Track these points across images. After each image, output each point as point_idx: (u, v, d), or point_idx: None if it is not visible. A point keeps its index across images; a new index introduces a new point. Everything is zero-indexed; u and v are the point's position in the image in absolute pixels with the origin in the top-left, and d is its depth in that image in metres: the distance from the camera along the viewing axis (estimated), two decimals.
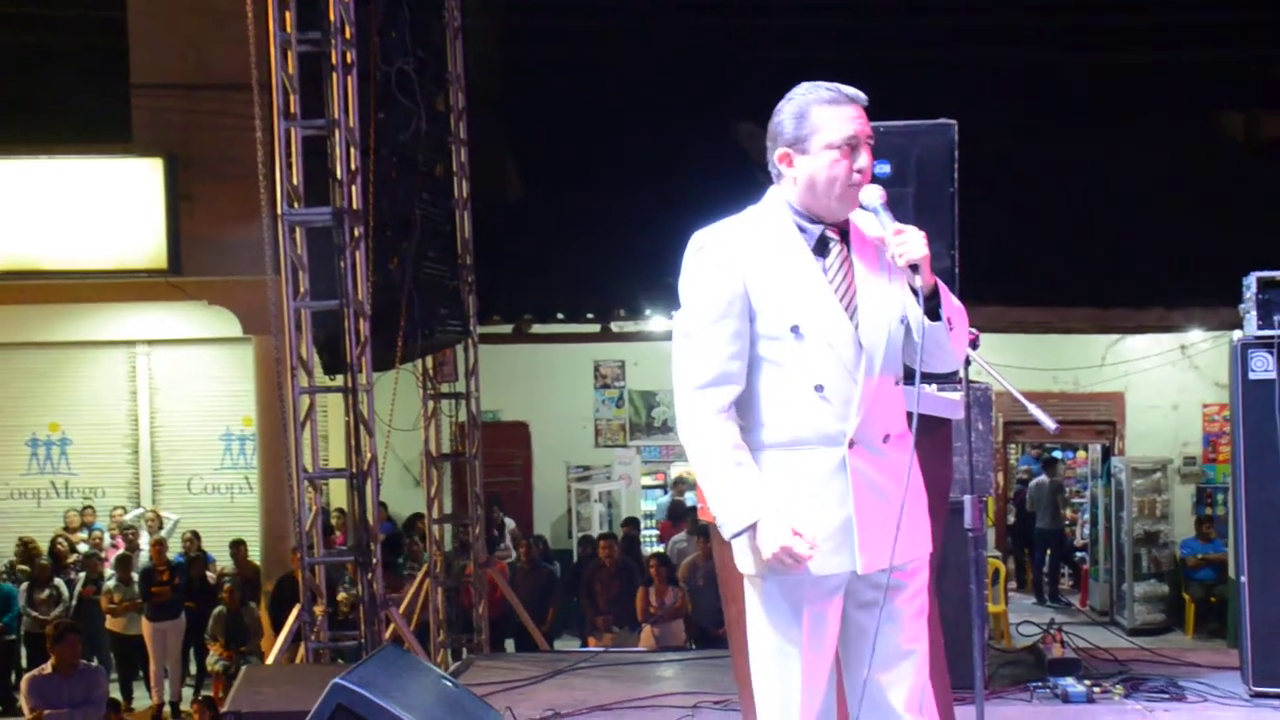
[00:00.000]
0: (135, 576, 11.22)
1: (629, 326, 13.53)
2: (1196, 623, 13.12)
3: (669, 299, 12.78)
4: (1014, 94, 11.40)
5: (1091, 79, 11.75)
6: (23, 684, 8.75)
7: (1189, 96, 11.90)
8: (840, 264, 2.94)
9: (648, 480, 15.00)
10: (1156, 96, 11.81)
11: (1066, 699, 5.28)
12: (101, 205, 10.92)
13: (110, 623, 11.20)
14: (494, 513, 12.96)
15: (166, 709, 11.17)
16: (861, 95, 2.93)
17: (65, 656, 8.38)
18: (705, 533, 9.36)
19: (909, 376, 2.99)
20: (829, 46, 11.06)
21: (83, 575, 11.62)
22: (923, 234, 2.86)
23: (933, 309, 2.86)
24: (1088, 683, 5.39)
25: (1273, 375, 5.19)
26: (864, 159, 2.90)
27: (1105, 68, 11.82)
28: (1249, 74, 11.92)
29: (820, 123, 2.88)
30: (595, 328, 13.63)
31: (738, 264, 2.90)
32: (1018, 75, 11.65)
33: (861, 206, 2.95)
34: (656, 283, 11.76)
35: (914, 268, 2.82)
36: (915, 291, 2.85)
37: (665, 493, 14.84)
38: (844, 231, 2.97)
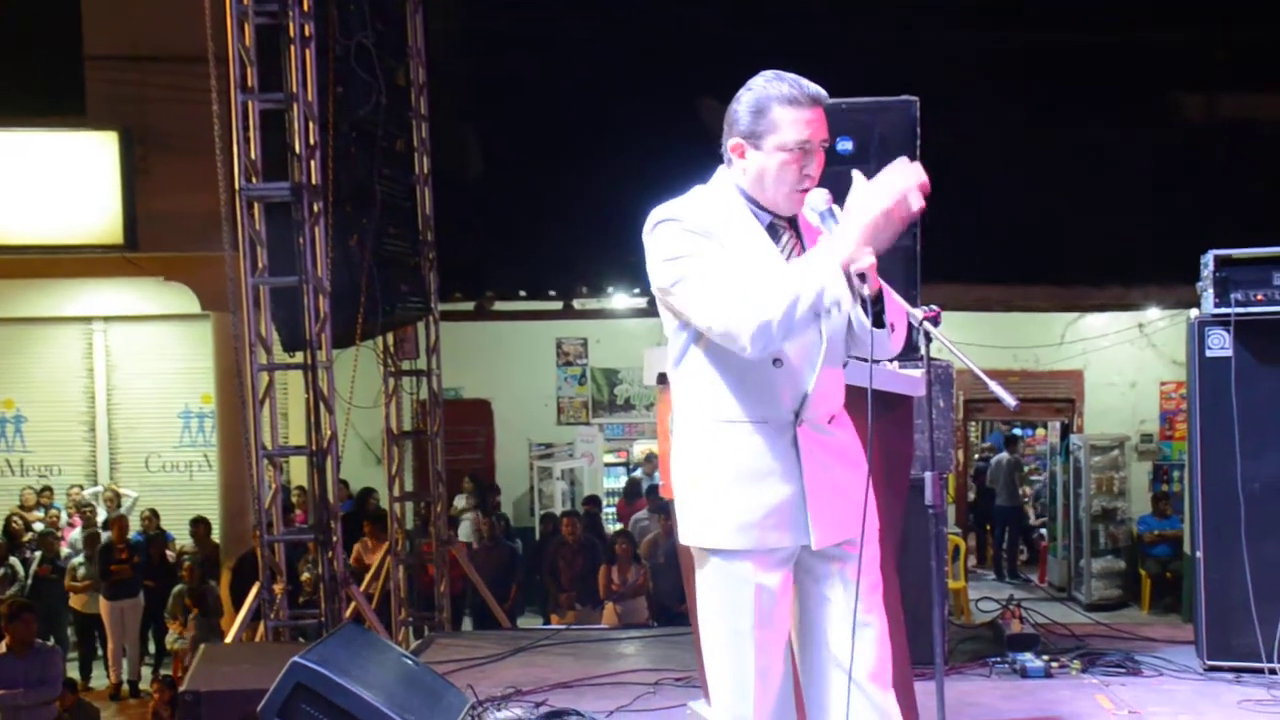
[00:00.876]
0: None
1: (591, 304, 13.49)
2: (1152, 598, 13.30)
3: (632, 277, 12.75)
4: (975, 73, 11.41)
5: (1052, 59, 11.78)
6: None
7: (1149, 77, 11.96)
8: (791, 249, 2.94)
9: (610, 458, 15.01)
10: (1117, 77, 11.86)
11: (1025, 674, 5.33)
12: (56, 179, 10.74)
13: (74, 600, 11.11)
14: (490, 498, 12.99)
15: (125, 688, 11.10)
16: (823, 94, 2.88)
17: (20, 636, 8.28)
18: (667, 510, 9.37)
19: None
20: (794, 24, 11.03)
21: (38, 554, 11.50)
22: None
23: (878, 314, 2.84)
24: (1046, 658, 5.45)
25: (1229, 353, 5.24)
26: (813, 165, 2.88)
27: (1066, 48, 11.85)
28: (1208, 55, 11.99)
29: (777, 122, 2.85)
30: (557, 305, 13.57)
31: (707, 230, 2.88)
32: (978, 55, 11.67)
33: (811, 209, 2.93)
34: (619, 260, 11.71)
35: (861, 275, 2.79)
36: (863, 299, 2.80)
37: (629, 470, 14.87)
38: (792, 220, 2.97)
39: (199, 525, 11.86)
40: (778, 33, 10.80)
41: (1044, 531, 15.84)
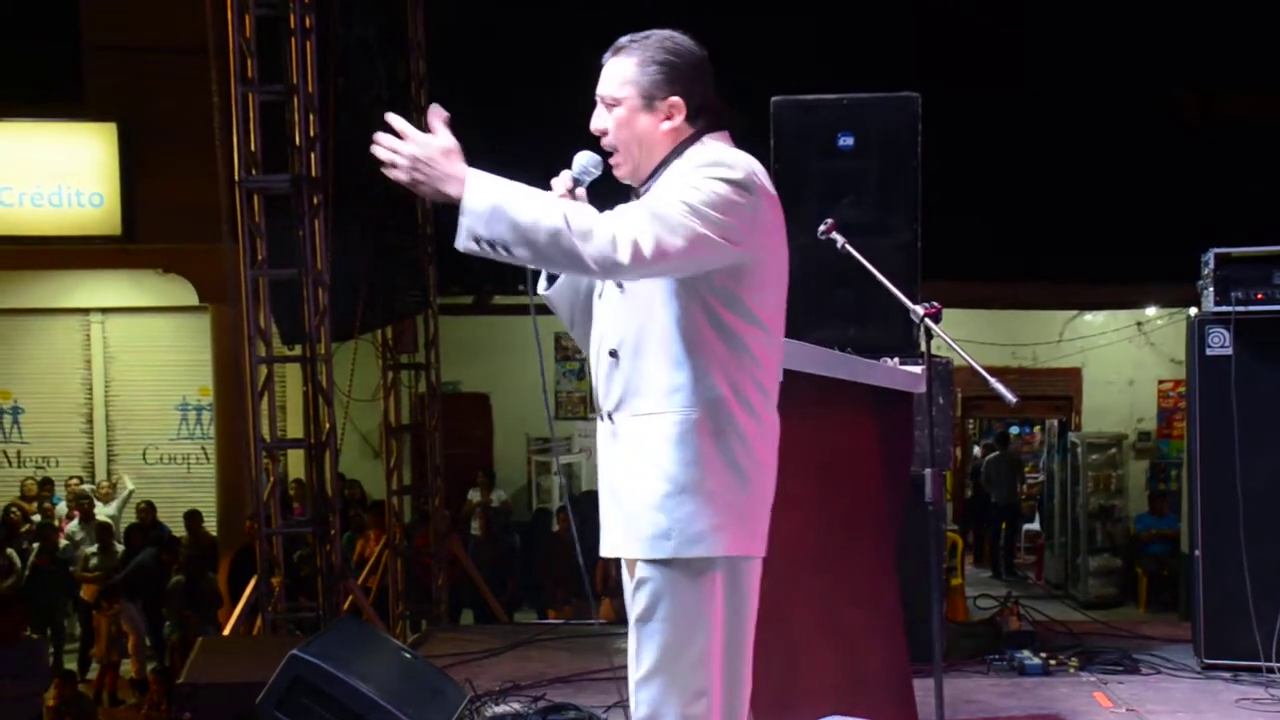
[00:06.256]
0: (119, 547, 11.25)
1: None
2: (1149, 596, 13.29)
3: None
4: (976, 69, 11.39)
5: (1052, 55, 11.76)
6: None
7: (1147, 74, 11.96)
8: None
9: None
10: (1116, 73, 11.85)
11: (1023, 671, 5.33)
12: (54, 170, 10.73)
13: (85, 591, 11.12)
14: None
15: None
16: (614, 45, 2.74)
17: (8, 628, 8.22)
18: None
19: None
20: (776, 11, 10.99)
21: (36, 546, 11.49)
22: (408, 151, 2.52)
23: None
24: (1043, 655, 5.45)
25: (1229, 351, 5.24)
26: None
27: (1066, 43, 11.84)
28: (1206, 52, 11.99)
29: None
30: None
31: None
32: (979, 49, 11.65)
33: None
34: None
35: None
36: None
37: None
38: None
39: (195, 518, 11.87)
40: (753, 21, 10.76)
41: (1029, 528, 15.88)
